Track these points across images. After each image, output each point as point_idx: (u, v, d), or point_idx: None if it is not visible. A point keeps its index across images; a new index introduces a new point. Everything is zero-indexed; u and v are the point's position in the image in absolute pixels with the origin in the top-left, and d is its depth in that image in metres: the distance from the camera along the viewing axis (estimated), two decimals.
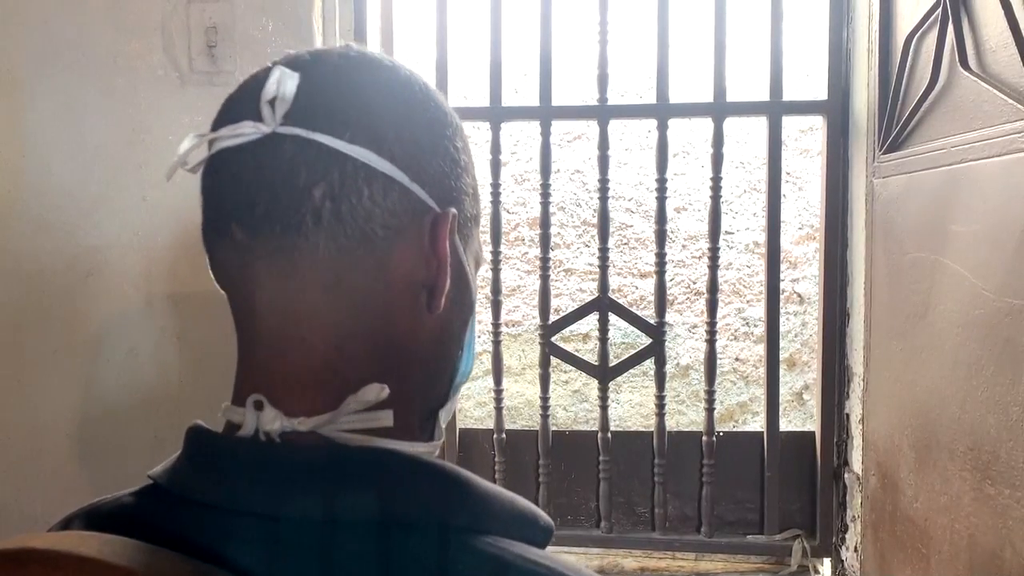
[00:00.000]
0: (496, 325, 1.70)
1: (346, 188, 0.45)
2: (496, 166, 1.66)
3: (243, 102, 0.47)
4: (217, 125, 0.48)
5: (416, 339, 0.49)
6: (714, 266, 1.64)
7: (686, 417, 2.20)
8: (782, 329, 1.79)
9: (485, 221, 1.63)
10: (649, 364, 1.68)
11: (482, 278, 1.69)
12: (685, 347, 2.22)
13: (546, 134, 1.66)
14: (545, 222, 1.67)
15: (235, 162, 0.46)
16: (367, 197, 0.45)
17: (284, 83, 0.45)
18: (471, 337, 0.55)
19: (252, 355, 0.48)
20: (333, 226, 0.45)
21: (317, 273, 0.45)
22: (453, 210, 0.49)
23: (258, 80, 0.47)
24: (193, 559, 0.42)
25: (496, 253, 1.68)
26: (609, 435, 1.69)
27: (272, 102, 0.45)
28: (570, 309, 1.72)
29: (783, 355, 2.09)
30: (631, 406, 2.23)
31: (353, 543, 0.43)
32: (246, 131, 0.45)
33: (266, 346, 0.47)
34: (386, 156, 0.46)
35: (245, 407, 0.46)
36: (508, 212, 2.24)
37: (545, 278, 1.68)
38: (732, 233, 2.21)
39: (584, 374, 1.73)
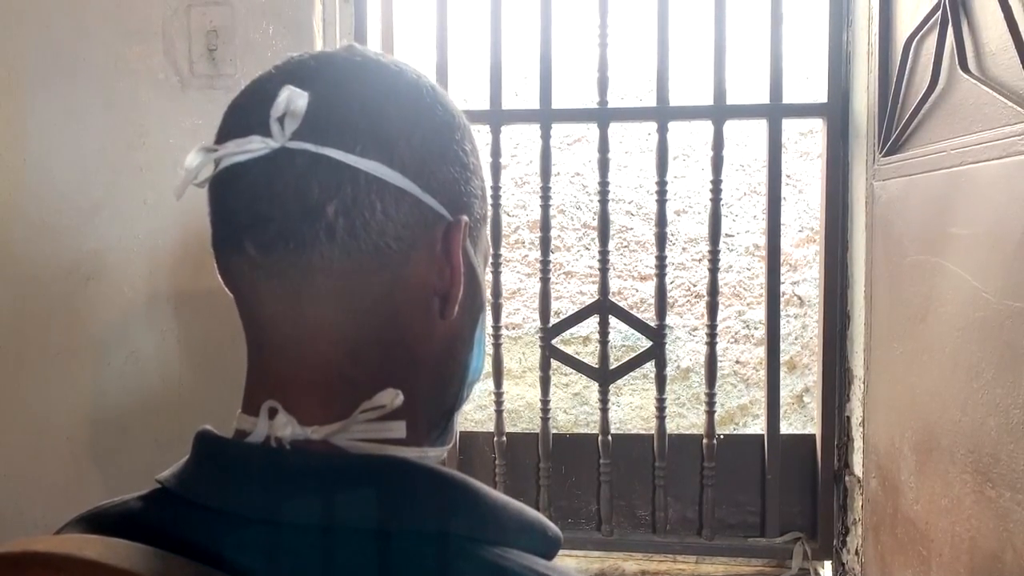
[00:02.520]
0: (496, 328, 1.70)
1: (359, 203, 0.44)
2: (496, 169, 1.66)
3: (249, 114, 0.47)
4: (222, 136, 0.48)
5: (429, 345, 0.49)
6: (714, 269, 1.64)
7: (686, 420, 2.19)
8: (782, 332, 1.79)
9: None
10: (649, 367, 1.68)
11: None
12: (685, 350, 2.22)
13: (546, 137, 1.66)
14: (545, 225, 1.67)
15: (245, 177, 0.45)
16: (380, 211, 0.45)
17: (294, 101, 0.44)
18: (481, 335, 0.55)
19: (264, 365, 0.48)
20: (347, 242, 0.45)
21: (331, 287, 0.45)
22: (465, 218, 0.49)
23: (264, 90, 0.47)
24: (198, 563, 0.42)
25: (496, 256, 1.68)
26: (610, 438, 1.69)
27: (281, 119, 0.44)
28: (570, 312, 1.72)
29: (783, 358, 2.09)
30: (631, 409, 2.23)
31: (358, 551, 0.43)
32: (255, 146, 0.45)
33: (279, 357, 0.47)
34: (397, 167, 0.46)
35: (257, 415, 0.46)
36: (508, 215, 2.24)
37: (545, 281, 1.68)
38: (732, 236, 2.21)
39: (584, 377, 1.73)
